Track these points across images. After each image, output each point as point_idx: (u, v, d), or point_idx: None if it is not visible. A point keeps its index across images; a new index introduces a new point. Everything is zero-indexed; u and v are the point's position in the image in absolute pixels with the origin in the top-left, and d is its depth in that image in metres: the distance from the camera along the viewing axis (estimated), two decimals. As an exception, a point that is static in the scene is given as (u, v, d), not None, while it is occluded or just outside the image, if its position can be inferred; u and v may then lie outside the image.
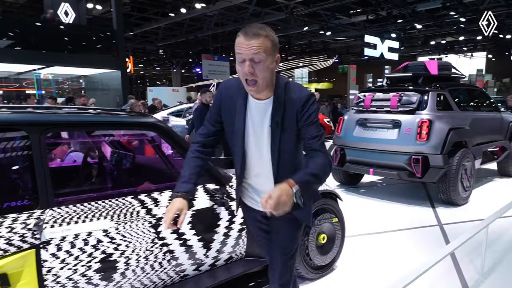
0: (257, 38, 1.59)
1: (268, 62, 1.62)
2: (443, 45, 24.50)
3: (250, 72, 1.60)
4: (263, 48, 1.59)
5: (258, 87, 1.65)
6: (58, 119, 2.21)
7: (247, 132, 1.79)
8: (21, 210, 1.89)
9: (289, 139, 1.74)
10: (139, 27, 19.71)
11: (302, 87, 1.77)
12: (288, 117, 1.70)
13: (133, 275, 2.22)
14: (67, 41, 9.77)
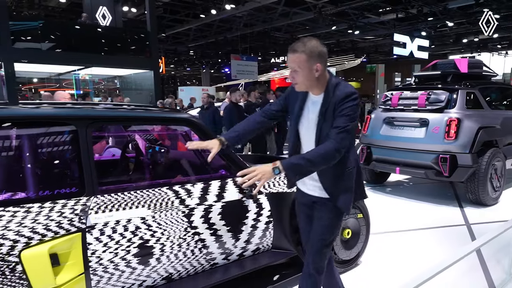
0: (293, 53, 2.03)
1: (304, 71, 2.03)
2: (476, 43, 23.70)
3: (292, 77, 2.08)
4: (297, 62, 2.02)
5: (298, 87, 2.12)
6: (102, 114, 2.41)
7: (302, 118, 2.20)
8: (69, 197, 2.10)
9: (326, 129, 2.07)
10: (171, 29, 20.16)
11: (349, 86, 2.08)
12: (330, 110, 2.05)
13: (167, 261, 2.39)
14: (104, 43, 10.15)
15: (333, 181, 2.15)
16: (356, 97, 2.04)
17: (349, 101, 2.00)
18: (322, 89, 2.11)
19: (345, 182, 2.17)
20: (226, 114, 6.86)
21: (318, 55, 2.02)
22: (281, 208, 2.99)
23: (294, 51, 2.02)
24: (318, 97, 2.13)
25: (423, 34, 19.16)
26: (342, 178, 2.15)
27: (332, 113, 2.04)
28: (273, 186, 2.95)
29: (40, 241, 1.91)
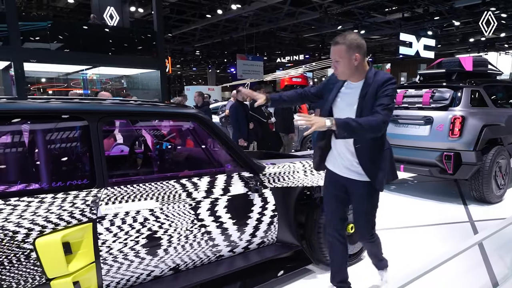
0: (335, 45, 2.33)
1: (344, 61, 2.32)
2: (483, 43, 23.59)
3: (334, 67, 2.38)
4: (338, 53, 2.31)
5: (340, 76, 2.41)
6: (112, 108, 2.49)
7: (337, 103, 2.48)
8: (80, 189, 2.18)
9: (366, 110, 2.31)
10: (177, 29, 20.33)
11: (387, 74, 2.38)
12: (370, 93, 2.32)
13: (175, 252, 2.46)
14: (111, 43, 10.30)
15: (370, 162, 2.39)
16: (395, 81, 2.34)
17: (389, 84, 2.29)
18: (361, 77, 2.38)
19: (381, 163, 2.42)
20: (232, 112, 6.93)
21: (356, 46, 2.30)
22: (286, 202, 3.04)
23: (335, 43, 2.32)
24: (357, 84, 2.40)
25: (429, 33, 19.11)
26: (378, 160, 2.41)
27: (372, 96, 2.30)
28: (278, 181, 3.01)
29: (54, 230, 1.99)
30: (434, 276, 3.10)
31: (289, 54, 28.87)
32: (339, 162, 2.51)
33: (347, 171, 2.48)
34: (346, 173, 2.49)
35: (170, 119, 3.00)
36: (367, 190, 2.46)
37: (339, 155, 2.50)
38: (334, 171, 2.55)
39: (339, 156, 2.51)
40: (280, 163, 3.21)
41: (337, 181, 2.55)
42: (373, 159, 2.40)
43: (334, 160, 2.55)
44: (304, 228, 3.25)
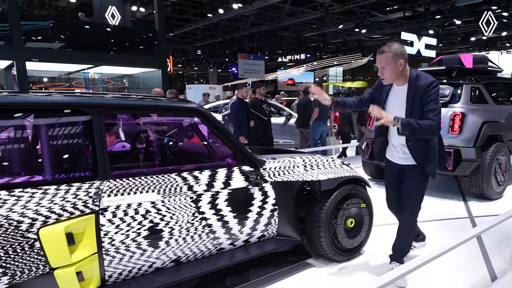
0: (381, 54, 2.68)
1: (390, 67, 2.67)
2: (484, 42, 23.57)
3: (381, 73, 2.73)
4: (385, 61, 2.67)
5: (386, 81, 2.79)
6: (114, 102, 2.53)
7: (388, 104, 2.88)
8: (83, 181, 2.21)
9: (415, 112, 2.70)
10: (178, 28, 20.38)
11: (428, 76, 2.71)
12: (417, 97, 2.68)
13: (176, 244, 2.49)
14: (113, 42, 10.36)
15: (421, 155, 2.81)
16: (437, 84, 2.67)
17: (432, 88, 2.64)
18: (406, 81, 2.75)
19: (430, 154, 2.81)
20: (233, 110, 6.96)
21: (401, 54, 2.66)
22: (286, 196, 3.07)
23: (382, 52, 2.67)
24: (402, 87, 2.77)
25: (430, 32, 19.11)
26: (427, 151, 2.80)
27: (419, 100, 2.67)
28: (278, 176, 3.04)
29: (57, 220, 2.02)
30: (433, 268, 3.14)
31: (290, 54, 28.90)
32: (395, 153, 2.97)
33: (402, 160, 2.93)
34: (401, 161, 2.93)
35: (172, 113, 3.03)
36: (419, 175, 2.88)
37: (395, 148, 2.96)
38: (392, 160, 3.01)
39: (394, 149, 2.96)
40: (280, 158, 3.24)
41: (395, 168, 3.01)
42: (424, 152, 2.80)
43: (391, 151, 3.01)
44: (304, 223, 3.28)
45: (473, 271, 3.22)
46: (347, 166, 3.54)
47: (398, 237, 3.10)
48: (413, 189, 2.93)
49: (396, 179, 3.05)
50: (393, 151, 2.98)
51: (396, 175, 3.04)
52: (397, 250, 3.11)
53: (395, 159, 2.98)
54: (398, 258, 3.09)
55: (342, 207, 3.27)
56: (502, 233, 3.88)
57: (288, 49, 27.58)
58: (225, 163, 2.93)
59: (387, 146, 3.06)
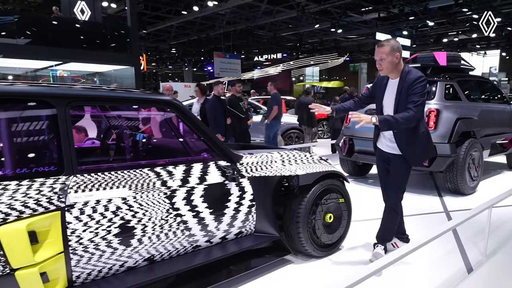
0: (380, 47, 2.94)
1: (388, 59, 2.91)
2: (456, 43, 24.25)
3: (379, 64, 2.96)
4: (384, 52, 2.92)
5: (383, 72, 3.00)
6: (81, 93, 2.37)
7: (385, 97, 3.10)
8: (47, 176, 2.06)
9: (402, 103, 2.91)
10: (152, 26, 20.00)
11: (418, 72, 2.93)
12: (404, 90, 2.91)
13: (149, 242, 2.37)
14: (82, 38, 10.02)
15: (406, 145, 3.02)
16: (424, 79, 2.88)
17: (418, 82, 2.85)
18: (398, 74, 2.98)
19: (415, 145, 3.01)
20: (209, 107, 6.83)
21: (397, 48, 2.91)
22: (264, 192, 3.00)
23: (381, 45, 2.94)
24: (395, 81, 3.01)
25: (404, 33, 19.49)
26: (413, 142, 3.01)
27: (406, 92, 2.89)
28: (255, 171, 2.96)
29: (18, 218, 1.87)
30: (411, 262, 3.13)
31: (266, 53, 28.91)
32: (383, 141, 3.20)
33: (389, 148, 3.15)
34: (388, 149, 3.16)
35: (144, 105, 2.89)
36: (402, 164, 3.11)
37: (384, 137, 3.19)
38: (381, 148, 3.24)
39: (384, 137, 3.19)
40: (257, 153, 3.16)
41: (383, 156, 3.23)
42: (408, 142, 3.01)
43: (381, 140, 3.24)
44: (282, 218, 3.22)
45: (449, 264, 3.24)
46: (325, 161, 3.50)
47: (382, 222, 3.31)
48: (396, 176, 3.14)
49: (384, 166, 3.28)
50: (382, 139, 3.23)
51: (383, 162, 3.28)
52: (380, 235, 3.32)
53: (383, 146, 3.22)
54: (382, 242, 3.29)
55: (321, 202, 3.23)
56: (477, 226, 3.93)
57: (265, 48, 27.58)
58: (201, 157, 2.83)
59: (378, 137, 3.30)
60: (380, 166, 3.36)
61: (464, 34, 22.01)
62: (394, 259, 2.32)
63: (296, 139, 9.68)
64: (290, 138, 9.66)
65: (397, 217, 3.27)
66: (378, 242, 3.29)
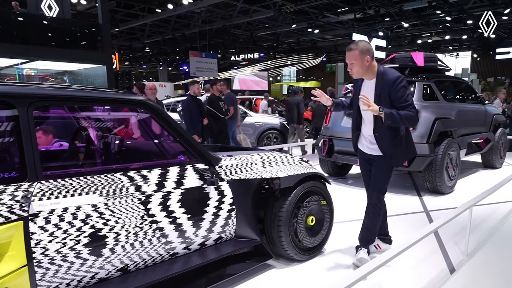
0: (349, 51, 2.89)
1: (358, 63, 2.87)
2: (430, 44, 24.80)
3: (350, 68, 2.93)
4: (353, 57, 2.88)
5: (355, 76, 2.98)
6: (45, 92, 2.19)
7: None
8: (8, 182, 1.88)
9: (384, 104, 2.84)
10: (125, 24, 19.50)
11: (395, 72, 2.90)
12: (383, 91, 2.87)
13: (122, 251, 2.22)
14: (51, 35, 9.61)
15: (387, 146, 2.98)
16: (403, 79, 2.85)
17: (398, 83, 2.82)
18: (374, 75, 2.93)
19: (396, 146, 2.98)
20: (184, 107, 6.65)
21: (367, 50, 2.87)
22: (244, 195, 2.90)
23: (350, 49, 2.88)
24: (371, 81, 2.97)
25: (380, 34, 19.74)
26: (393, 142, 2.97)
27: (386, 94, 2.86)
28: (235, 173, 2.84)
29: (-27, 229, 1.69)
30: (393, 265, 3.07)
31: (243, 52, 28.76)
32: (364, 143, 3.15)
33: (369, 149, 3.11)
34: (369, 150, 3.12)
35: (116, 106, 2.70)
36: (384, 165, 3.07)
37: (364, 138, 3.14)
38: (363, 150, 3.18)
39: (364, 139, 3.14)
40: (237, 155, 3.04)
41: (365, 157, 3.19)
42: (390, 143, 2.97)
43: (362, 141, 3.19)
44: (263, 222, 3.12)
45: (431, 265, 3.22)
46: (306, 163, 3.41)
47: (364, 224, 3.23)
48: (378, 177, 3.11)
49: (366, 167, 3.25)
50: (363, 140, 3.18)
51: (365, 163, 3.25)
52: (363, 237, 3.22)
53: (364, 148, 3.18)
54: (364, 244, 3.19)
55: (303, 205, 3.16)
56: (457, 225, 3.94)
57: (241, 48, 27.42)
58: (177, 160, 2.69)
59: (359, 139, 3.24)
60: (363, 166, 3.32)
61: (437, 35, 22.50)
62: (380, 264, 2.27)
63: (275, 139, 9.60)
64: (268, 138, 9.56)
65: (379, 218, 3.21)
66: (361, 245, 3.20)
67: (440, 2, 14.59)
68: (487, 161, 7.22)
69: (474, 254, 3.41)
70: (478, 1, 15.67)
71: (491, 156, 7.11)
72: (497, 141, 7.04)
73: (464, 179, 6.41)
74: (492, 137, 6.91)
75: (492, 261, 3.34)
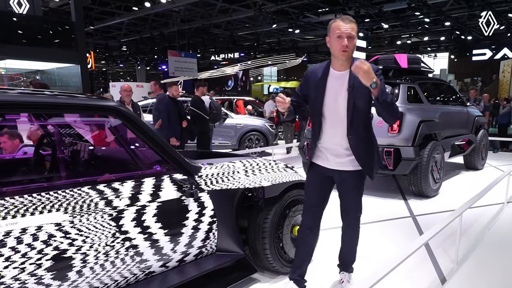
0: (351, 23, 2.30)
1: (355, 40, 2.32)
2: (409, 45, 25.11)
3: (346, 44, 2.28)
4: (354, 30, 2.31)
5: (347, 54, 2.32)
6: (5, 99, 1.93)
7: (327, 95, 2.42)
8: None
9: (361, 98, 2.33)
10: (100, 21, 18.94)
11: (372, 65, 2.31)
12: (359, 84, 2.25)
13: (91, 273, 1.99)
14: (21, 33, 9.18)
15: (364, 153, 2.47)
16: (381, 72, 2.36)
17: (380, 74, 2.30)
18: (348, 65, 2.37)
19: (373, 153, 2.52)
20: (162, 109, 6.37)
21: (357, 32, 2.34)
22: (226, 206, 2.71)
23: (351, 21, 2.31)
24: (343, 73, 2.39)
25: (360, 35, 19.81)
26: (370, 150, 2.50)
27: (361, 87, 2.26)
28: (216, 183, 2.64)
29: None
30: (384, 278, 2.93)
31: (223, 52, 28.50)
32: (328, 156, 2.53)
33: (338, 164, 2.51)
34: (337, 166, 2.52)
35: (85, 112, 2.44)
36: (355, 179, 2.54)
37: (325, 149, 2.53)
38: (323, 165, 2.56)
39: (325, 150, 2.53)
40: (218, 163, 2.84)
41: (323, 174, 2.58)
42: (365, 148, 2.48)
43: (323, 155, 2.56)
44: (247, 234, 2.94)
45: (422, 276, 3.12)
46: (291, 170, 3.23)
47: (345, 248, 2.80)
48: (354, 197, 2.61)
49: (324, 187, 2.62)
50: (326, 155, 2.53)
51: (325, 182, 2.61)
52: (345, 261, 2.84)
53: (326, 163, 2.55)
54: (347, 268, 2.85)
55: (288, 214, 3.00)
56: (446, 232, 3.83)
57: (221, 48, 27.16)
58: (153, 171, 2.46)
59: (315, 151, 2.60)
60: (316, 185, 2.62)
61: (416, 36, 22.80)
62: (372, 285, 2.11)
63: (257, 141, 9.41)
64: (250, 140, 9.37)
65: (358, 241, 2.78)
66: (344, 269, 2.84)
67: (419, 4, 14.71)
68: (469, 162, 7.24)
69: (464, 261, 3.34)
70: (455, 3, 15.88)
71: (473, 158, 7.13)
72: (479, 142, 7.06)
73: (448, 181, 6.38)
74: (474, 138, 6.91)
75: (482, 268, 3.27)
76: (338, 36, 2.29)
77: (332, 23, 2.34)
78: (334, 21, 2.33)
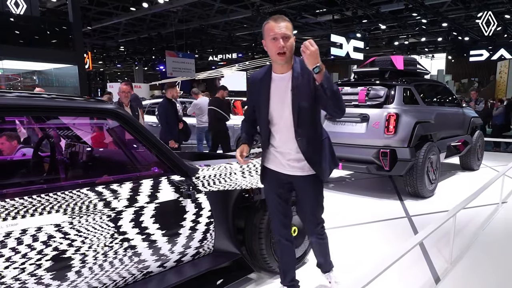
0: (284, 21, 2.17)
1: (291, 39, 2.18)
2: (406, 46, 25.20)
3: (283, 45, 2.15)
4: (289, 29, 2.17)
5: (286, 56, 2.19)
6: (4, 102, 1.95)
7: (272, 100, 2.31)
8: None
9: (306, 99, 2.23)
10: (98, 22, 18.93)
11: None
12: (304, 83, 2.21)
13: (90, 273, 2.02)
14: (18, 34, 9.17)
15: (313, 153, 2.33)
16: None
17: None
18: (290, 67, 2.26)
19: (322, 152, 2.38)
20: (161, 111, 6.41)
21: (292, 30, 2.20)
22: (223, 207, 2.74)
23: (284, 19, 2.18)
24: (285, 75, 2.28)
25: (358, 35, 19.89)
26: (319, 149, 2.37)
27: (306, 84, 2.19)
28: (213, 185, 2.67)
29: None
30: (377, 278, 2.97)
31: (221, 52, 28.49)
32: (280, 160, 2.41)
33: (291, 168, 2.40)
34: (290, 170, 2.40)
35: (84, 115, 2.47)
36: (312, 184, 2.43)
37: (279, 153, 2.41)
38: (276, 170, 2.44)
39: (280, 155, 2.41)
40: (215, 164, 2.87)
41: (279, 180, 2.46)
42: (315, 149, 2.36)
43: (275, 159, 2.44)
44: (243, 235, 2.98)
45: (416, 275, 3.15)
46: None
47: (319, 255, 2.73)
48: (314, 203, 2.48)
49: (282, 193, 2.50)
50: (278, 158, 2.42)
51: (282, 188, 2.49)
52: (323, 264, 2.76)
53: (282, 168, 2.43)
54: (325, 268, 2.77)
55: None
56: (439, 231, 3.85)
57: (219, 48, 27.16)
58: (151, 173, 2.50)
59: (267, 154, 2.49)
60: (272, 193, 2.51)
61: (413, 37, 22.86)
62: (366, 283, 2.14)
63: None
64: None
65: (327, 240, 2.68)
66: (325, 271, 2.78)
67: (416, 5, 14.78)
68: (465, 163, 7.28)
69: (458, 261, 3.38)
70: (452, 4, 15.95)
71: (469, 159, 7.17)
72: (475, 143, 7.11)
73: (444, 182, 6.42)
74: (470, 139, 6.96)
75: (476, 268, 3.30)
76: (273, 38, 2.15)
77: (265, 25, 2.20)
78: (267, 22, 2.19)
